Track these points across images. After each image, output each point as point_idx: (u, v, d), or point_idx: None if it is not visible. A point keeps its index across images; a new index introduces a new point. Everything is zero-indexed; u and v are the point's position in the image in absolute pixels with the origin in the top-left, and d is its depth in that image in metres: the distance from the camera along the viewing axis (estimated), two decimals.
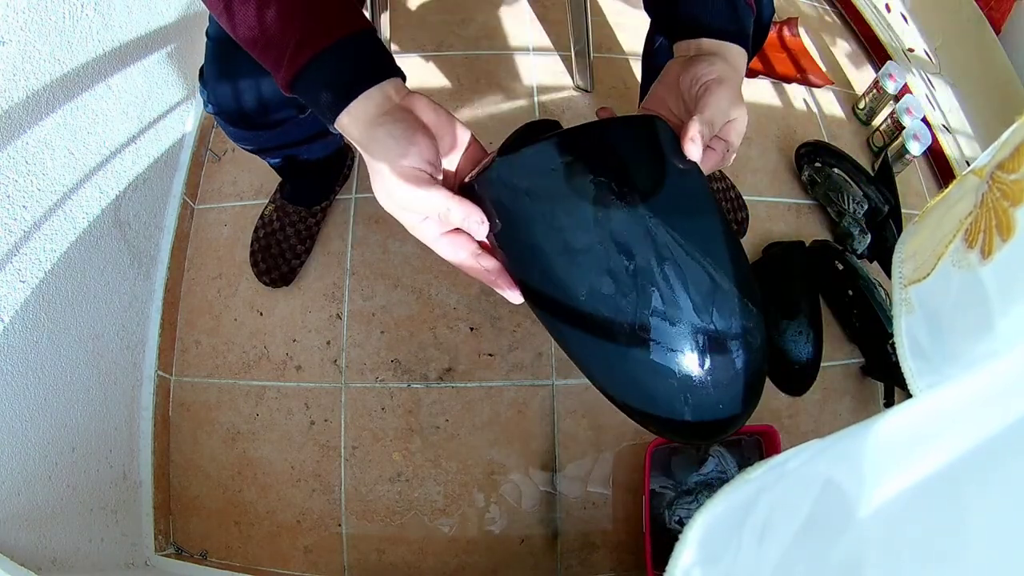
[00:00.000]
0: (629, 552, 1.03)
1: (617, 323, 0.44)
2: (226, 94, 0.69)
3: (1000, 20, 1.22)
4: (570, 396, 1.08)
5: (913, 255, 0.46)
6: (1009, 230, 0.35)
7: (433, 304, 1.11)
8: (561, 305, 0.46)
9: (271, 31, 0.44)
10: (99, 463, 0.93)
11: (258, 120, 0.73)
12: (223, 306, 1.13)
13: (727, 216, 1.16)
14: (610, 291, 0.44)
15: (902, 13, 1.38)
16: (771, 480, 0.40)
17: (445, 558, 1.02)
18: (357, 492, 1.03)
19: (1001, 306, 0.35)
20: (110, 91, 0.95)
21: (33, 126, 0.80)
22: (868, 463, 0.34)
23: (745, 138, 1.31)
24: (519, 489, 1.04)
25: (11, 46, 0.75)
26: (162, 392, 1.08)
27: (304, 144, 0.88)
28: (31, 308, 0.81)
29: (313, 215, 1.11)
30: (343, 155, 1.13)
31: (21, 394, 0.79)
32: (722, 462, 1.02)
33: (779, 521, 0.38)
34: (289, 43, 0.44)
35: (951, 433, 0.31)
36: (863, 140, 1.34)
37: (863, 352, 1.15)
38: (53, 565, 0.79)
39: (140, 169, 1.05)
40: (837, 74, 1.43)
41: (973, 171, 0.41)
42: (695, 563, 0.41)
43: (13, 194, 0.78)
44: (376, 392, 1.07)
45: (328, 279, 1.13)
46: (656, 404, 0.45)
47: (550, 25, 1.37)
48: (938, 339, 0.42)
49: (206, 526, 1.04)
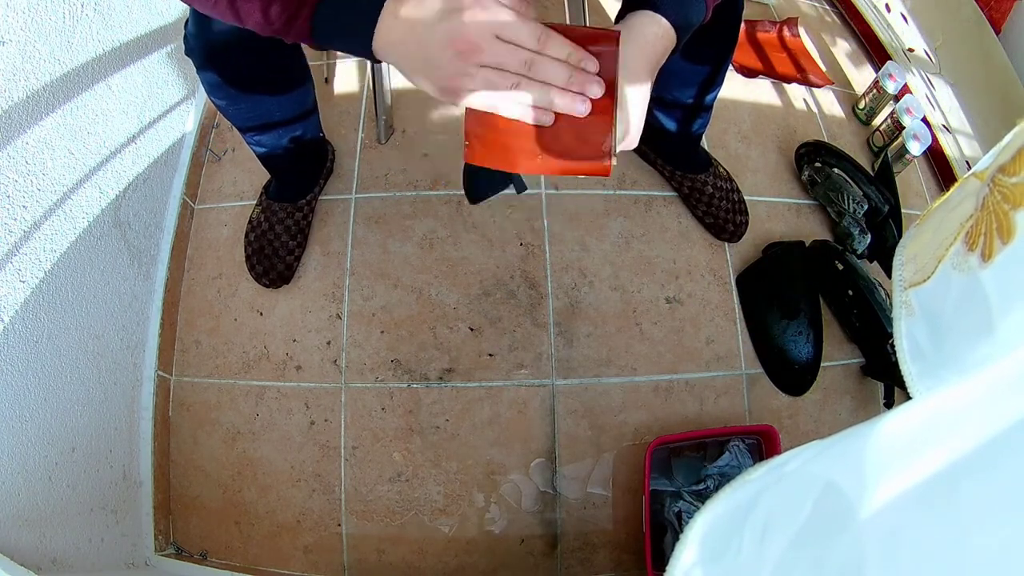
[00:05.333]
0: (629, 552, 1.03)
1: None
2: (205, 22, 0.71)
3: (1000, 20, 1.22)
4: (570, 396, 1.08)
5: (914, 258, 0.46)
6: (1010, 233, 0.35)
7: (433, 304, 1.11)
8: None
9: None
10: (99, 463, 0.93)
11: (234, 59, 0.74)
12: (223, 306, 1.13)
13: (727, 216, 1.17)
14: None
15: (902, 13, 1.38)
16: (771, 480, 0.41)
17: (445, 558, 1.02)
18: (357, 492, 1.03)
19: (1001, 309, 0.36)
20: (110, 91, 0.95)
21: (33, 126, 0.80)
22: (868, 463, 0.34)
23: (745, 138, 1.32)
24: (519, 489, 1.04)
25: (11, 46, 0.75)
26: (162, 392, 1.08)
27: (283, 126, 0.91)
28: (31, 308, 0.81)
29: (300, 209, 1.11)
30: (323, 147, 1.14)
31: (21, 394, 0.79)
32: (738, 456, 1.02)
33: (779, 521, 0.38)
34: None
35: (951, 434, 0.31)
36: (863, 140, 1.34)
37: (863, 352, 1.15)
38: (53, 565, 0.80)
39: (140, 169, 1.05)
40: (837, 74, 1.43)
41: (974, 174, 0.41)
42: (696, 563, 0.41)
43: (13, 194, 0.78)
44: (376, 392, 1.07)
45: (328, 279, 1.13)
46: None
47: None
48: (938, 342, 0.42)
49: (206, 526, 1.04)
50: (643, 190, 1.21)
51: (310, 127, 0.99)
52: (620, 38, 0.48)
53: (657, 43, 0.52)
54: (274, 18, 0.49)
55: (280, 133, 0.93)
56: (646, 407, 1.09)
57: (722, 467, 1.02)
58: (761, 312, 1.14)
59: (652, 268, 1.16)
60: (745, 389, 1.12)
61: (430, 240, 1.15)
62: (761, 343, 1.13)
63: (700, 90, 0.95)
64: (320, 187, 1.15)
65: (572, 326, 1.11)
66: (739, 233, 1.18)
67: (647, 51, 0.52)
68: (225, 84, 0.78)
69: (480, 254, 1.14)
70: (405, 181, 1.19)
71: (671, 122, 1.04)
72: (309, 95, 0.93)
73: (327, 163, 1.16)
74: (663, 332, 1.13)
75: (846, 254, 1.13)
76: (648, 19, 0.52)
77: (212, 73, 0.77)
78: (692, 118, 1.02)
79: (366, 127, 1.24)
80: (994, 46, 1.20)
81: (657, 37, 0.52)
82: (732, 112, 1.31)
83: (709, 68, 0.90)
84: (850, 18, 1.51)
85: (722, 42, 0.87)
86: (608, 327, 1.12)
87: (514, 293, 1.13)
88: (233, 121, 0.89)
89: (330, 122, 1.22)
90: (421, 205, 1.17)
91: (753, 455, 1.04)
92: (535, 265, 1.14)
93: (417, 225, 1.16)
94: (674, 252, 1.18)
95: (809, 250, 1.16)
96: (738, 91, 1.33)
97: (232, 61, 0.75)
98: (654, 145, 1.17)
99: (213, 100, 0.83)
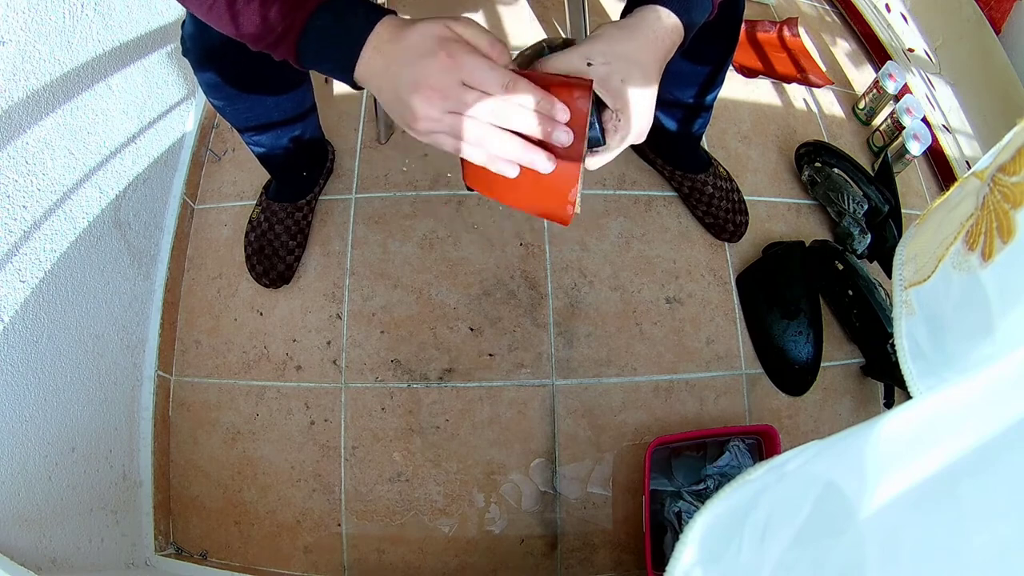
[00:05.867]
0: (629, 552, 1.03)
1: None
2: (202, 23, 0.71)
3: (1000, 20, 1.22)
4: (570, 396, 1.08)
5: (914, 257, 0.46)
6: (1010, 232, 0.35)
7: (433, 304, 1.11)
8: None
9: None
10: (99, 463, 0.93)
11: (231, 59, 0.74)
12: (223, 306, 1.13)
13: (727, 216, 1.17)
14: None
15: (902, 13, 1.38)
16: (771, 480, 0.41)
17: (445, 558, 1.02)
18: (357, 492, 1.03)
19: (1001, 308, 0.36)
20: (110, 91, 0.95)
21: (33, 126, 0.80)
22: (868, 463, 0.34)
23: (745, 138, 1.32)
24: (519, 489, 1.04)
25: (11, 46, 0.75)
26: (162, 392, 1.08)
27: (282, 126, 0.91)
28: (31, 308, 0.81)
29: (300, 209, 1.11)
30: (323, 147, 1.14)
31: (21, 394, 0.79)
32: (738, 456, 1.02)
33: (779, 521, 0.38)
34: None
35: (951, 434, 0.31)
36: (863, 140, 1.34)
37: (863, 352, 1.15)
38: (53, 565, 0.79)
39: (140, 169, 1.05)
40: (837, 74, 1.43)
41: (974, 173, 0.41)
42: (696, 563, 0.41)
43: (13, 194, 0.78)
44: (376, 392, 1.07)
45: (328, 279, 1.13)
46: None
47: (550, 25, 1.37)
48: (939, 341, 0.42)
49: (206, 526, 1.04)
50: (643, 190, 1.21)
51: (309, 127, 0.99)
52: (592, 86, 0.47)
53: (665, 37, 0.52)
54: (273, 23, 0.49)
55: (279, 133, 0.93)
56: (646, 407, 1.09)
57: (722, 467, 1.02)
58: (761, 312, 1.14)
59: (652, 268, 1.16)
60: (745, 389, 1.12)
61: (430, 240, 1.15)
62: (761, 343, 1.13)
63: (700, 90, 0.95)
64: (320, 187, 1.15)
65: (572, 326, 1.11)
66: (739, 233, 1.18)
67: (656, 45, 0.51)
68: (223, 84, 0.78)
69: (480, 254, 1.14)
70: (405, 181, 1.19)
71: (671, 122, 1.04)
72: (308, 95, 0.93)
73: (327, 163, 1.16)
74: (663, 332, 1.13)
75: (846, 254, 1.13)
76: (655, 14, 0.52)
77: (210, 73, 0.77)
78: (692, 118, 1.02)
79: (366, 127, 1.24)
80: (994, 46, 1.20)
81: (665, 32, 0.52)
82: (732, 112, 1.31)
83: (710, 68, 0.90)
84: (850, 18, 1.51)
85: (723, 42, 0.87)
86: (608, 327, 1.12)
87: (514, 293, 1.13)
88: (232, 121, 0.89)
89: (330, 122, 1.22)
90: (421, 205, 1.17)
91: (753, 455, 1.04)
92: (535, 265, 1.14)
93: (417, 225, 1.16)
94: (674, 252, 1.18)
95: (809, 250, 1.16)
96: (738, 91, 1.33)
97: (230, 61, 0.75)
98: (654, 145, 1.17)
99: (211, 100, 0.83)
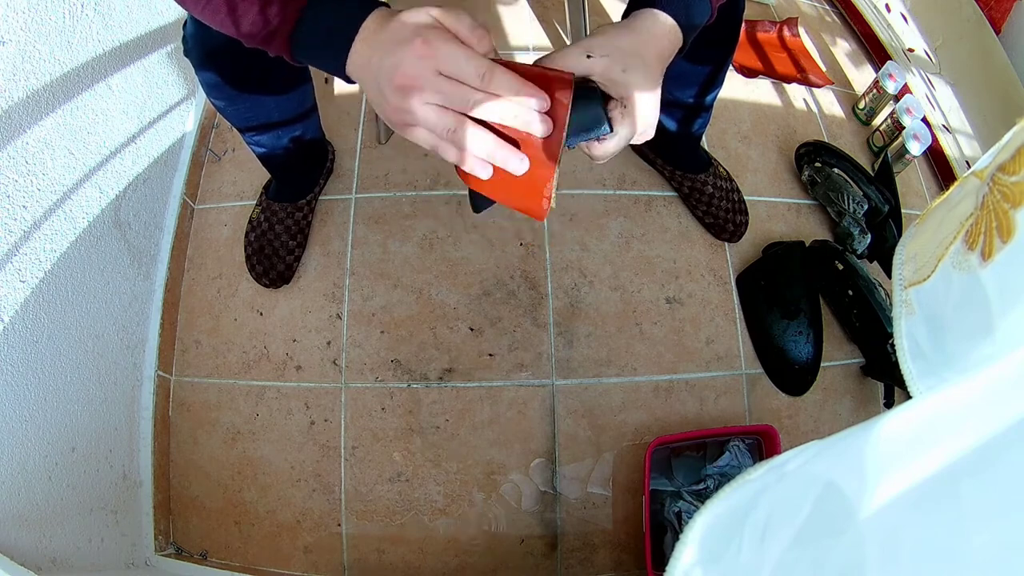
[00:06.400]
0: (629, 552, 1.03)
1: None
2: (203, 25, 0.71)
3: (1000, 20, 1.22)
4: (570, 396, 1.08)
5: (914, 257, 0.46)
6: (1009, 232, 0.35)
7: (433, 304, 1.11)
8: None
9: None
10: (99, 463, 0.93)
11: (232, 59, 0.74)
12: (223, 306, 1.13)
13: (727, 216, 1.17)
14: None
15: (902, 13, 1.38)
16: (771, 480, 0.41)
17: (445, 558, 1.02)
18: (357, 492, 1.03)
19: (1001, 308, 0.36)
20: (110, 91, 0.95)
21: (33, 126, 0.80)
22: (868, 463, 0.34)
23: (745, 138, 1.32)
24: (519, 489, 1.04)
25: (11, 46, 0.75)
26: (162, 392, 1.08)
27: (282, 126, 0.91)
28: (31, 308, 0.81)
29: (300, 209, 1.11)
30: (323, 147, 1.14)
31: (21, 394, 0.79)
32: (738, 456, 1.02)
33: (779, 521, 0.38)
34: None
35: (951, 434, 0.31)
36: (863, 140, 1.34)
37: (863, 352, 1.15)
38: (53, 565, 0.79)
39: (140, 169, 1.05)
40: (837, 74, 1.43)
41: (974, 173, 0.41)
42: (695, 563, 0.41)
43: (13, 194, 0.78)
44: (376, 392, 1.07)
45: (328, 279, 1.13)
46: None
47: (550, 25, 1.37)
48: (938, 341, 0.42)
49: (206, 526, 1.04)
50: (643, 190, 1.21)
51: (310, 127, 0.99)
52: (573, 81, 0.46)
53: (663, 38, 0.52)
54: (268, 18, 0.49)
55: (279, 133, 0.93)
56: (646, 407, 1.09)
57: (722, 467, 1.02)
58: (761, 312, 1.14)
59: (652, 268, 1.16)
60: (745, 389, 1.12)
61: (430, 240, 1.15)
62: (761, 343, 1.13)
63: (700, 90, 0.95)
64: (320, 187, 1.15)
65: (572, 326, 1.11)
66: (739, 233, 1.18)
67: (655, 43, 0.52)
68: (224, 84, 0.78)
69: (480, 254, 1.14)
70: (405, 181, 1.19)
71: (671, 122, 1.04)
72: (308, 95, 0.93)
73: (327, 163, 1.16)
74: (663, 332, 1.13)
75: (846, 254, 1.13)
76: (654, 18, 0.52)
77: (211, 73, 0.77)
78: (692, 118, 1.02)
79: (366, 127, 1.24)
80: (994, 46, 1.20)
81: (664, 34, 0.52)
82: (732, 112, 1.31)
83: (710, 68, 0.90)
84: (850, 18, 1.51)
85: (723, 42, 0.87)
86: (608, 327, 1.12)
87: (514, 293, 1.13)
88: (232, 121, 0.89)
89: (330, 122, 1.22)
90: (421, 205, 1.17)
91: (753, 455, 1.04)
92: (535, 265, 1.14)
93: (417, 225, 1.16)
94: (674, 252, 1.18)
95: (809, 250, 1.16)
96: (738, 91, 1.33)
97: (231, 61, 0.75)
98: (654, 145, 1.17)
99: (212, 100, 0.83)
